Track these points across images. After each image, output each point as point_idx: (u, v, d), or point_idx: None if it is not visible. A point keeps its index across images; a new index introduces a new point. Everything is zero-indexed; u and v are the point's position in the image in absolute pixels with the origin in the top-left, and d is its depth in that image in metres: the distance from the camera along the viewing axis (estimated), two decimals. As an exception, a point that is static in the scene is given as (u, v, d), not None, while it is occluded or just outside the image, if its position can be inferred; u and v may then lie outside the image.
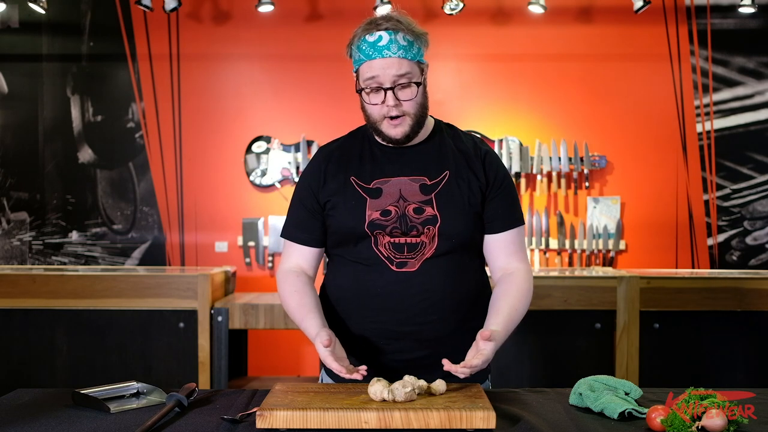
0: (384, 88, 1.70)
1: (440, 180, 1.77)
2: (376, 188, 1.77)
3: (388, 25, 1.70)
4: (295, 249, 1.88)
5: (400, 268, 1.74)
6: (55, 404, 1.63)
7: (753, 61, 4.70)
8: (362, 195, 1.77)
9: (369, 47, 1.70)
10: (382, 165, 1.80)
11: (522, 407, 1.60)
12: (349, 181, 1.79)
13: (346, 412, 1.39)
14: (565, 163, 4.64)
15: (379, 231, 1.74)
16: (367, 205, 1.75)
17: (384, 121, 1.74)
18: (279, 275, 1.89)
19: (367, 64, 1.71)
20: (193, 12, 4.72)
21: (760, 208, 4.69)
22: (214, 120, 4.74)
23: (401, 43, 1.69)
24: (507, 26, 4.71)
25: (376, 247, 1.75)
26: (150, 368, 3.49)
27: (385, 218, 1.74)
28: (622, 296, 3.43)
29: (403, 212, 1.74)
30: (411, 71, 1.71)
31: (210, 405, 1.64)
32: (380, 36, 1.69)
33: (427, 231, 1.74)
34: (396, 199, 1.75)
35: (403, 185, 1.76)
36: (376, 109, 1.73)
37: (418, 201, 1.75)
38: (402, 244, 1.74)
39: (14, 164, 4.77)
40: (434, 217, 1.74)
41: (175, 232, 4.73)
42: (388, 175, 1.78)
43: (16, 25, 4.75)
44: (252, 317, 3.57)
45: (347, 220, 1.77)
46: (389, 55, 1.69)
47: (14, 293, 3.52)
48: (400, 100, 1.71)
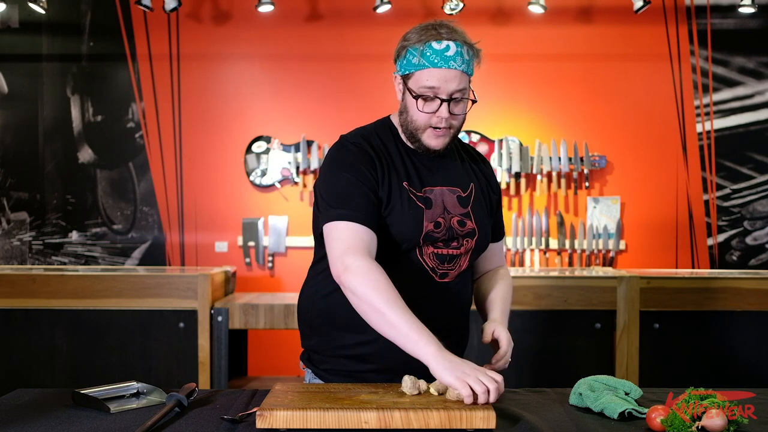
0: (441, 99, 1.67)
1: (470, 192, 1.80)
2: (427, 198, 1.74)
3: (454, 36, 1.67)
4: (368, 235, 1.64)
5: (442, 279, 1.76)
6: (55, 404, 1.63)
7: (753, 61, 4.70)
8: (418, 204, 1.72)
9: (435, 55, 1.65)
10: (425, 172, 1.76)
11: (522, 407, 1.60)
12: (403, 186, 1.72)
13: (346, 412, 1.39)
14: (565, 163, 4.64)
15: (429, 242, 1.73)
16: (424, 215, 1.71)
17: (428, 130, 1.71)
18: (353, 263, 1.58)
19: (428, 72, 1.66)
20: (193, 12, 4.72)
21: (760, 208, 4.69)
22: (214, 120, 4.74)
23: (465, 57, 1.68)
24: (507, 26, 4.71)
25: (422, 257, 1.73)
26: (150, 368, 3.49)
27: (437, 230, 1.73)
28: (622, 296, 3.42)
29: (450, 224, 1.74)
30: (466, 87, 1.70)
31: (210, 405, 1.64)
32: (448, 45, 1.66)
33: (466, 243, 1.76)
34: (442, 210, 1.74)
35: (445, 196, 1.76)
36: (424, 117, 1.69)
37: (459, 213, 1.76)
38: (444, 255, 1.74)
39: (14, 164, 4.77)
40: (473, 231, 1.77)
41: (175, 232, 4.73)
42: (433, 184, 1.75)
43: (16, 25, 4.75)
44: (252, 317, 3.56)
45: (405, 229, 1.69)
46: (455, 66, 1.66)
47: (14, 293, 3.52)
48: (452, 113, 1.69)
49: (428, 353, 1.49)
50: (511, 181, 4.67)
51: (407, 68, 1.70)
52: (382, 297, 1.55)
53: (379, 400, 1.48)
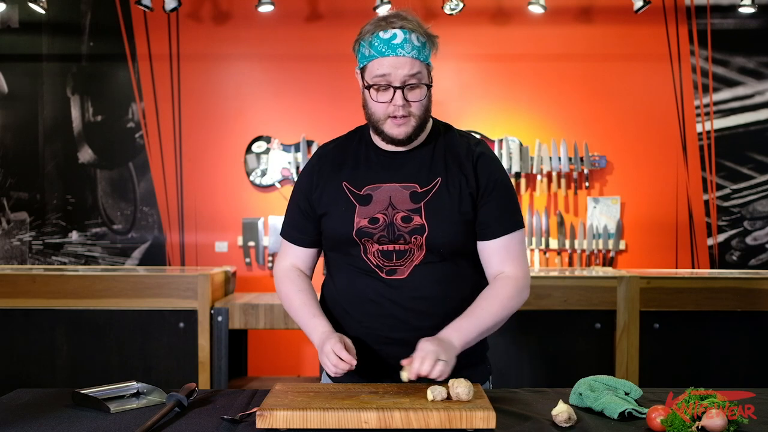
0: (393, 87, 1.67)
1: (431, 188, 1.73)
2: (367, 195, 1.75)
3: (402, 23, 1.67)
4: (291, 248, 1.88)
5: (390, 275, 1.73)
6: (55, 404, 1.63)
7: (753, 61, 4.70)
8: (352, 201, 1.75)
9: (382, 44, 1.67)
10: (375, 170, 1.77)
11: (522, 407, 1.60)
12: (341, 186, 1.77)
13: (346, 412, 1.39)
14: (565, 163, 4.64)
15: (367, 239, 1.72)
16: (356, 212, 1.73)
17: (387, 120, 1.70)
18: (278, 273, 1.89)
19: (378, 61, 1.67)
20: (193, 12, 4.72)
21: (760, 208, 4.69)
22: (214, 120, 4.74)
23: (415, 44, 1.67)
24: (507, 26, 4.71)
25: (365, 255, 1.74)
26: (150, 368, 3.49)
27: (373, 226, 1.72)
28: (622, 296, 3.43)
29: (391, 220, 1.71)
30: (421, 72, 1.68)
31: (210, 405, 1.64)
32: (395, 34, 1.66)
33: (415, 240, 1.71)
34: (385, 206, 1.72)
35: (393, 192, 1.73)
36: (381, 107, 1.69)
37: (406, 209, 1.72)
38: (390, 252, 1.72)
39: (14, 164, 4.77)
40: (422, 227, 1.71)
41: (175, 232, 4.73)
42: (381, 181, 1.75)
43: (16, 25, 4.75)
44: (252, 317, 3.56)
45: (337, 227, 1.76)
46: (402, 54, 1.66)
47: (14, 293, 3.52)
48: (408, 100, 1.68)
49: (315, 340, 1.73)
50: (512, 181, 4.66)
51: (361, 61, 1.72)
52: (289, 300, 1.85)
53: (379, 400, 1.49)
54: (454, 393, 1.48)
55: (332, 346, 1.63)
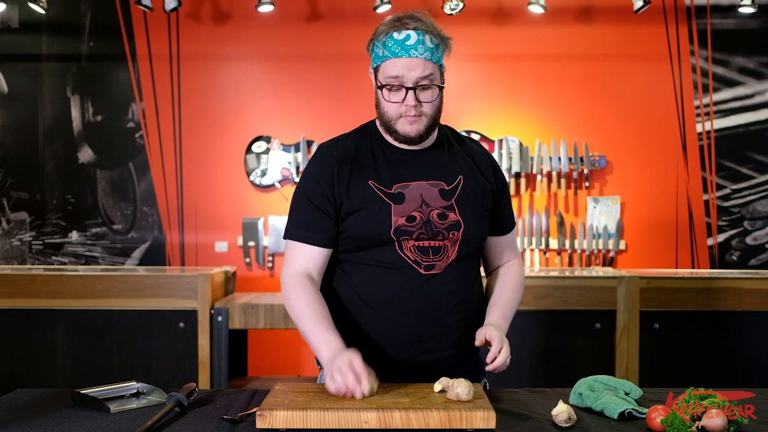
0: (406, 88, 1.69)
1: (457, 184, 1.79)
2: (398, 193, 1.75)
3: (416, 25, 1.70)
4: (303, 251, 1.78)
5: (428, 270, 1.75)
6: (55, 404, 1.63)
7: (753, 61, 4.70)
8: (386, 200, 1.74)
9: (396, 45, 1.69)
10: (398, 169, 1.78)
11: (522, 407, 1.61)
12: (368, 185, 1.75)
13: (346, 412, 1.39)
14: (565, 163, 4.64)
15: (405, 237, 1.73)
16: (392, 210, 1.74)
17: (400, 119, 1.73)
18: (287, 278, 1.77)
19: (391, 62, 1.70)
20: (193, 12, 4.72)
21: (760, 208, 4.69)
22: (214, 120, 4.74)
23: (428, 45, 1.70)
24: (507, 26, 4.71)
25: (401, 251, 1.74)
26: (150, 368, 3.49)
27: (411, 224, 1.73)
28: (622, 296, 3.43)
29: (428, 218, 1.74)
30: (434, 74, 1.71)
31: (210, 405, 1.64)
32: (408, 35, 1.69)
33: (452, 236, 1.76)
34: (419, 204, 1.75)
35: (423, 190, 1.76)
36: (394, 107, 1.72)
37: (440, 206, 1.76)
38: (427, 248, 1.75)
39: (14, 164, 4.77)
40: (458, 223, 1.76)
41: (175, 232, 4.73)
42: (408, 180, 1.77)
43: (16, 25, 4.75)
44: (252, 317, 3.56)
45: (372, 227, 1.73)
46: (416, 55, 1.68)
47: (14, 293, 3.52)
48: (420, 101, 1.71)
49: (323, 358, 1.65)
50: (511, 181, 4.67)
51: (375, 61, 1.75)
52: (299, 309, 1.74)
53: (379, 400, 1.49)
54: (454, 393, 1.48)
55: (355, 362, 1.53)
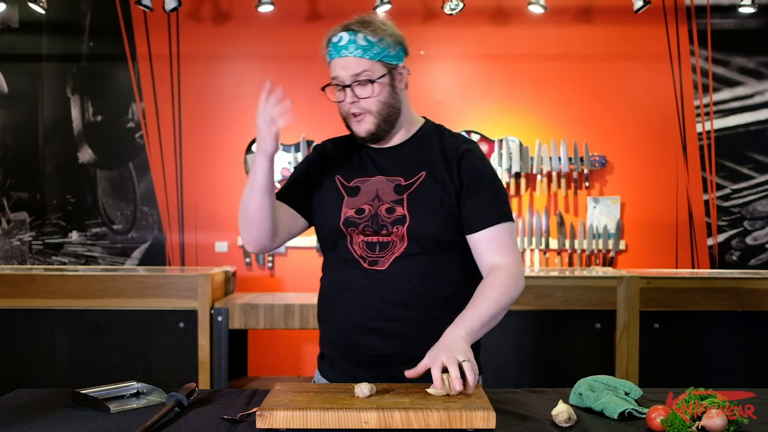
0: (343, 86, 1.77)
1: (414, 180, 1.80)
2: (355, 186, 1.83)
3: (354, 26, 1.79)
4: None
5: (371, 266, 1.78)
6: (55, 404, 1.63)
7: (753, 61, 4.70)
8: (341, 193, 1.83)
9: (332, 48, 1.80)
10: (365, 165, 1.85)
11: (522, 407, 1.61)
12: (334, 180, 1.86)
13: (346, 412, 1.39)
14: (565, 163, 4.64)
15: (352, 229, 1.79)
16: (344, 202, 1.81)
17: (350, 117, 1.80)
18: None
19: (332, 64, 1.80)
20: (193, 12, 4.71)
21: (760, 208, 4.69)
22: (214, 120, 4.74)
23: (360, 43, 1.77)
24: (507, 26, 4.70)
25: (351, 245, 1.80)
26: (150, 368, 3.49)
27: (359, 216, 1.79)
28: (622, 296, 3.42)
29: (376, 211, 1.78)
30: (370, 69, 1.76)
31: (210, 405, 1.64)
32: (341, 36, 1.79)
33: (396, 230, 1.76)
34: (371, 198, 1.80)
35: (380, 185, 1.81)
36: (341, 106, 1.80)
37: (390, 201, 1.78)
38: (374, 243, 1.78)
39: (14, 164, 4.77)
40: (403, 217, 1.76)
41: (175, 232, 4.73)
42: (369, 174, 1.83)
43: (16, 25, 4.75)
44: (252, 317, 3.56)
45: (328, 218, 1.83)
46: (346, 54, 1.77)
47: (14, 293, 3.52)
48: (358, 97, 1.76)
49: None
50: (511, 181, 4.67)
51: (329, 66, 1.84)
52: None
53: (379, 400, 1.49)
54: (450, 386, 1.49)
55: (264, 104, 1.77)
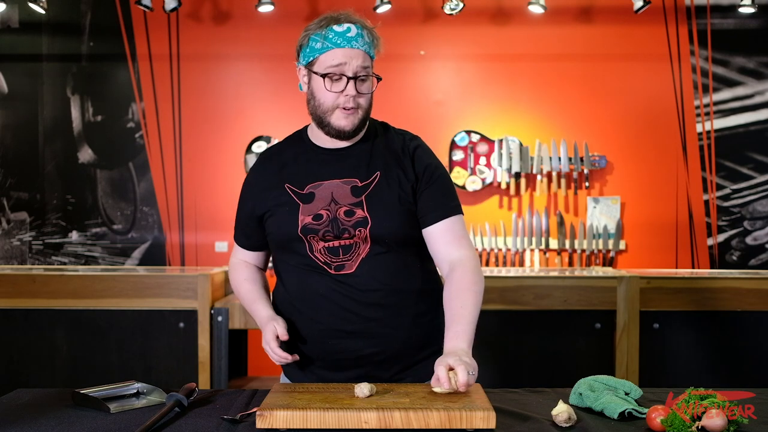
0: (347, 77, 1.72)
1: (371, 181, 1.78)
2: (309, 193, 1.78)
3: (353, 19, 1.76)
4: (239, 248, 1.99)
5: (338, 271, 1.75)
6: (55, 404, 1.63)
7: (753, 61, 4.70)
8: (295, 201, 1.78)
9: (337, 36, 1.73)
10: (315, 168, 1.81)
11: (522, 407, 1.60)
12: (284, 189, 1.80)
13: (346, 412, 1.39)
14: (565, 163, 4.64)
15: (312, 235, 1.75)
16: (300, 210, 1.77)
17: (336, 111, 1.75)
18: (230, 265, 2.01)
19: (332, 52, 1.73)
20: (193, 12, 4.71)
21: (760, 208, 4.69)
22: (214, 120, 4.74)
23: (366, 39, 1.76)
24: (507, 26, 4.70)
25: (311, 253, 1.77)
26: (150, 368, 3.49)
27: (317, 222, 1.75)
28: (622, 296, 3.42)
29: (335, 215, 1.75)
30: (370, 66, 1.77)
31: (210, 405, 1.64)
32: (349, 27, 1.74)
33: (359, 233, 1.74)
34: (327, 202, 1.76)
35: (335, 188, 1.77)
36: (332, 97, 1.74)
37: (348, 203, 1.76)
38: (336, 248, 1.75)
39: (14, 164, 4.77)
40: (365, 219, 1.74)
41: (175, 232, 4.73)
42: (322, 179, 1.79)
43: (16, 25, 4.75)
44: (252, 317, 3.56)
45: (282, 227, 1.79)
46: (357, 46, 1.73)
47: (14, 293, 3.51)
48: (359, 92, 1.74)
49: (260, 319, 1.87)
50: (511, 181, 4.67)
51: (311, 55, 1.77)
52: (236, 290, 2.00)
53: (379, 400, 1.49)
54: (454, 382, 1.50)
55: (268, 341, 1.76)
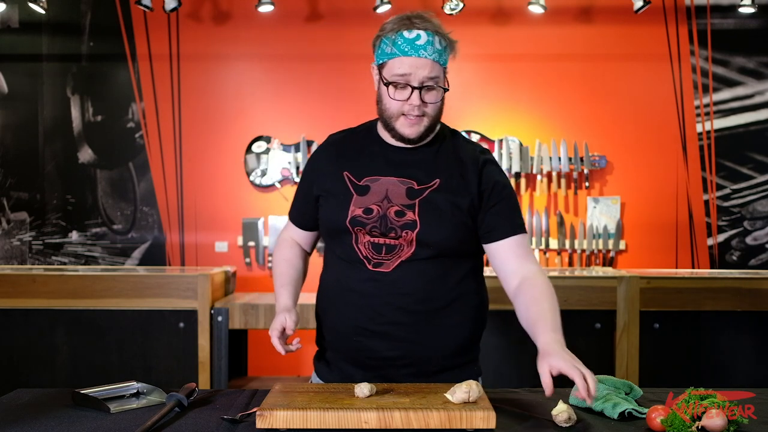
0: (412, 87, 1.70)
1: (428, 186, 1.76)
2: (365, 185, 1.78)
3: (426, 25, 1.71)
4: (292, 226, 2.00)
5: (376, 267, 1.75)
6: (55, 404, 1.63)
7: (753, 61, 4.70)
8: (350, 190, 1.78)
9: (406, 43, 1.70)
10: (377, 163, 1.80)
11: (522, 407, 1.61)
12: (342, 176, 1.80)
13: (346, 412, 1.39)
14: (565, 163, 4.64)
15: (359, 228, 1.75)
16: (352, 200, 1.77)
17: (401, 118, 1.73)
18: (278, 238, 2.04)
19: (399, 60, 1.70)
20: (193, 12, 4.71)
21: (760, 208, 4.69)
22: (214, 120, 4.73)
23: (437, 47, 1.71)
24: (507, 26, 4.70)
25: (356, 244, 1.77)
26: (150, 368, 3.49)
27: (367, 216, 1.75)
28: (622, 296, 3.42)
29: (385, 213, 1.74)
30: (439, 76, 1.72)
31: (210, 405, 1.64)
32: (419, 35, 1.70)
33: (405, 235, 1.73)
34: (381, 198, 1.75)
35: (391, 186, 1.76)
36: (397, 105, 1.72)
37: (401, 204, 1.74)
38: (380, 245, 1.75)
39: (14, 164, 4.77)
40: (413, 222, 1.73)
41: (175, 232, 4.73)
42: (380, 174, 1.78)
43: (16, 25, 4.75)
44: (252, 317, 3.56)
45: (332, 214, 1.80)
46: (425, 55, 1.69)
47: (14, 293, 3.52)
48: (424, 101, 1.71)
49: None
50: (511, 181, 4.67)
51: (381, 57, 1.75)
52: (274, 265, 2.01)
53: (379, 400, 1.49)
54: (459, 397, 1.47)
55: (274, 328, 1.83)
